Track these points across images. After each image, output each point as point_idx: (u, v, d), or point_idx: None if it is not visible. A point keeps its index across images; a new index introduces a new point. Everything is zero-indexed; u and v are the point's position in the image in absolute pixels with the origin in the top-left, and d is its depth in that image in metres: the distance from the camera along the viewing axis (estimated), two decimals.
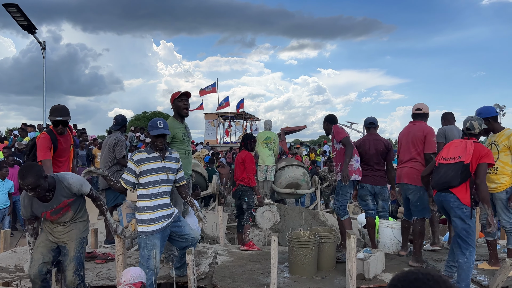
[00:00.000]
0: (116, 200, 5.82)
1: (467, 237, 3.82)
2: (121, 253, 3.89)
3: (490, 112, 4.66)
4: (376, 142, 5.36)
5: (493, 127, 4.68)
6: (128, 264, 4.80)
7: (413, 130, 4.91)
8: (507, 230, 4.60)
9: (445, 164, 3.98)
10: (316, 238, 4.45)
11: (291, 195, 10.13)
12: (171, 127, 4.34)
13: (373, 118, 5.61)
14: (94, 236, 5.67)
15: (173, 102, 4.55)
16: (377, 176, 5.33)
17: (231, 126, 29.53)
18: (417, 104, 5.07)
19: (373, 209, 5.44)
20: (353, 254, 3.92)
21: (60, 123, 4.40)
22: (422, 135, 4.78)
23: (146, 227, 3.67)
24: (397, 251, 5.25)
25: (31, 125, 12.99)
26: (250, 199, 5.71)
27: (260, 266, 4.72)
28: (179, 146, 4.53)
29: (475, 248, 3.87)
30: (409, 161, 4.85)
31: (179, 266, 4.23)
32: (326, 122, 5.35)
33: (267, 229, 8.52)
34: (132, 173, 3.71)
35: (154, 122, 3.81)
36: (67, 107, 4.49)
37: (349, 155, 4.89)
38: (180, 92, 4.51)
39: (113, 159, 5.59)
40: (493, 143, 4.65)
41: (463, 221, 3.83)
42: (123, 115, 5.94)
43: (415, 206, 4.79)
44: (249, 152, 5.92)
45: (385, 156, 5.39)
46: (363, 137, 5.73)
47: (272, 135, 8.71)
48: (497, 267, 4.56)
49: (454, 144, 4.06)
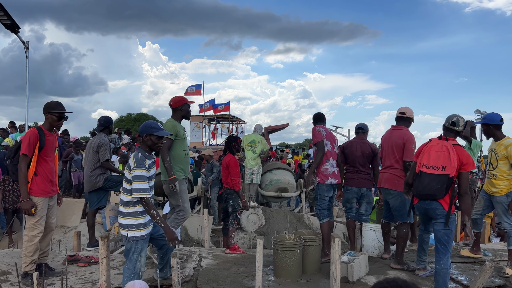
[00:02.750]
0: (100, 203, 5.76)
1: (447, 242, 3.88)
2: (104, 256, 3.84)
3: (494, 119, 4.72)
4: (363, 145, 5.45)
5: (495, 134, 4.76)
6: (112, 267, 4.75)
7: (394, 135, 4.95)
8: (507, 231, 4.74)
9: (427, 174, 3.90)
10: (301, 242, 4.48)
11: (276, 198, 10.16)
12: (174, 125, 4.59)
13: (362, 124, 5.75)
14: (77, 239, 5.59)
15: (182, 105, 4.73)
16: (363, 178, 5.40)
17: (217, 129, 29.45)
18: (401, 107, 5.11)
19: (354, 211, 5.53)
20: (337, 257, 3.95)
21: (63, 117, 4.43)
22: (401, 142, 4.82)
23: (140, 231, 3.62)
24: (381, 254, 5.31)
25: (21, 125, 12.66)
26: (235, 202, 5.72)
27: (245, 269, 4.72)
28: (180, 144, 4.66)
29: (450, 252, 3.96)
30: (389, 167, 4.93)
31: (162, 268, 4.21)
32: (313, 120, 5.42)
33: (253, 232, 8.53)
34: (146, 180, 3.56)
35: (155, 124, 3.73)
36: None
37: (316, 161, 5.02)
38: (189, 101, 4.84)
39: (97, 162, 5.52)
40: (493, 151, 4.77)
41: (447, 226, 3.90)
42: (107, 116, 5.88)
43: (398, 211, 4.86)
44: (233, 156, 5.92)
45: (371, 160, 5.46)
46: (351, 139, 5.84)
47: (257, 138, 8.74)
48: (478, 255, 5.24)
49: (434, 148, 3.96)
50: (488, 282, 4.27)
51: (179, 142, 4.63)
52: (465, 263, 5.13)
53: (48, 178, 4.32)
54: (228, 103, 26.18)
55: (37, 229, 4.18)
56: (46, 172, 4.29)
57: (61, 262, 4.95)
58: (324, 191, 5.07)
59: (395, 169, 4.87)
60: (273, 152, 22.29)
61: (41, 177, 4.24)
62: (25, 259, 4.17)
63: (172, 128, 4.51)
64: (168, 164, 4.47)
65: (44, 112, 4.34)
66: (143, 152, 3.66)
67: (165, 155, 4.48)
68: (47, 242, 4.54)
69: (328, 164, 5.07)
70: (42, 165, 4.26)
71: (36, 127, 4.38)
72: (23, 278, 4.13)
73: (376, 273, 4.60)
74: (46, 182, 4.29)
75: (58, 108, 4.38)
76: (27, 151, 4.12)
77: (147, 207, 3.54)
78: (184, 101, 4.75)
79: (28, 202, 4.10)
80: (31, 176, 4.17)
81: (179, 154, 4.65)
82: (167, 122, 4.70)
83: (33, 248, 4.16)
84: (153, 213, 3.55)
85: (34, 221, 4.16)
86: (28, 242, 4.15)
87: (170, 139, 4.50)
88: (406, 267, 4.73)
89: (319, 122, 5.35)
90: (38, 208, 4.18)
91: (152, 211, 3.54)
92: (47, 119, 4.35)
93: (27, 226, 4.19)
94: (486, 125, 4.75)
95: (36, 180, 4.20)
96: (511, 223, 4.70)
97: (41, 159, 4.26)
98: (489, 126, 4.72)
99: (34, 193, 4.18)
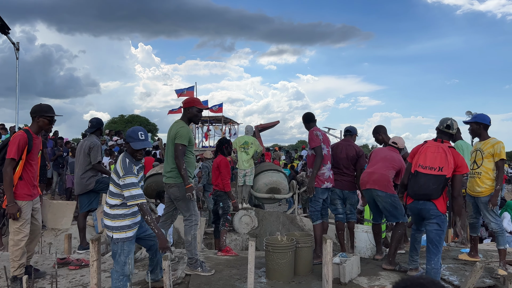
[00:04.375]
0: (90, 206, 5.73)
1: (439, 242, 3.93)
2: (95, 259, 3.81)
3: (485, 119, 4.88)
4: (348, 147, 5.54)
5: (481, 134, 4.89)
6: (103, 270, 4.71)
7: (389, 152, 5.20)
8: (495, 231, 4.80)
9: (424, 174, 3.98)
10: (293, 243, 4.48)
11: (269, 199, 10.16)
12: (187, 132, 4.39)
13: (350, 127, 5.86)
14: (68, 242, 5.55)
15: (189, 107, 4.53)
16: (346, 181, 5.49)
17: (209, 130, 29.36)
18: (394, 137, 5.44)
19: (342, 213, 5.58)
20: (329, 259, 3.96)
21: (53, 121, 4.41)
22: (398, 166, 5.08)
23: (125, 233, 3.60)
24: (373, 255, 5.33)
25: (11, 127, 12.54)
26: (225, 204, 5.68)
27: (237, 271, 4.71)
28: (191, 149, 4.54)
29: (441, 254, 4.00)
30: (380, 168, 4.99)
31: (152, 269, 4.18)
32: (303, 121, 5.37)
33: (245, 234, 8.51)
34: (137, 186, 3.55)
35: (135, 134, 3.66)
36: None
37: (317, 167, 4.99)
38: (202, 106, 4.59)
39: (88, 164, 5.48)
40: (478, 150, 4.87)
41: (439, 227, 3.94)
42: (98, 118, 5.84)
43: (389, 212, 4.89)
44: (224, 157, 5.90)
45: (355, 162, 5.53)
46: (338, 141, 5.96)
47: (250, 139, 8.73)
48: (476, 259, 5.14)
49: (430, 149, 4.06)
50: (479, 283, 4.30)
51: (190, 148, 4.51)
52: (456, 263, 5.16)
53: (32, 182, 4.29)
54: (221, 105, 26.10)
55: (22, 233, 4.13)
56: (30, 176, 4.26)
57: (51, 265, 4.89)
58: (319, 193, 5.08)
59: (387, 172, 4.93)
60: (268, 153, 22.30)
61: (25, 181, 4.20)
62: (12, 263, 4.13)
63: (186, 135, 4.37)
64: (185, 172, 4.30)
65: (34, 115, 4.28)
66: (130, 157, 3.64)
67: (181, 162, 4.29)
68: (34, 244, 4.52)
69: (325, 169, 5.09)
70: (27, 169, 4.22)
71: (23, 130, 4.31)
72: (12, 282, 4.08)
73: (368, 274, 4.61)
74: (30, 186, 4.25)
75: (51, 112, 4.35)
76: (16, 156, 4.06)
77: (142, 212, 3.53)
78: (192, 104, 4.54)
79: (14, 206, 4.05)
80: (16, 180, 4.13)
81: (190, 159, 4.53)
82: (180, 127, 4.42)
83: (19, 252, 4.11)
84: (148, 218, 3.52)
85: (18, 225, 4.11)
86: (14, 246, 4.11)
87: (184, 146, 4.36)
88: (398, 268, 4.75)
89: (311, 123, 5.34)
90: (23, 212, 4.13)
91: (147, 216, 3.52)
92: (37, 122, 4.29)
93: (12, 231, 4.14)
94: (477, 124, 4.87)
95: (20, 184, 4.16)
96: (497, 223, 4.77)
97: (27, 163, 4.22)
98: (480, 125, 4.84)
99: (19, 197, 4.13)
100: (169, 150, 4.50)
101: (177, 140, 4.36)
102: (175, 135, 4.39)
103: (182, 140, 4.36)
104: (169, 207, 4.74)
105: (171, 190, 4.48)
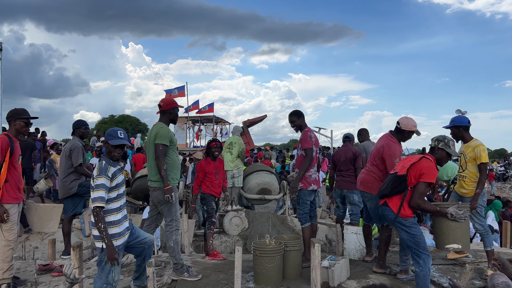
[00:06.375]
0: (75, 209, 5.62)
1: (416, 245, 3.85)
2: (77, 266, 3.71)
3: (462, 121, 4.82)
4: (346, 151, 6.22)
5: (464, 137, 4.84)
6: (87, 276, 4.60)
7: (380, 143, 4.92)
8: (481, 233, 4.78)
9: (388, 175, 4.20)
10: (281, 247, 4.40)
11: (260, 200, 10.07)
12: (167, 132, 4.35)
13: (349, 133, 6.58)
14: (52, 247, 5.42)
15: (172, 109, 4.52)
16: (344, 180, 6.08)
17: (201, 130, 29.19)
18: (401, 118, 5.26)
19: (342, 210, 6.24)
20: (317, 263, 3.89)
21: (29, 123, 4.43)
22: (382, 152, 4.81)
23: (115, 242, 3.48)
24: (363, 257, 5.28)
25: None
26: (209, 207, 5.56)
27: (224, 276, 4.62)
28: (174, 150, 4.48)
29: (430, 255, 3.87)
30: (366, 169, 4.92)
31: (138, 276, 4.07)
32: (296, 116, 5.15)
33: (235, 235, 8.42)
34: (107, 190, 3.43)
35: (114, 132, 3.63)
36: None
37: (304, 168, 4.94)
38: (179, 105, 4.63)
39: (70, 167, 5.36)
40: (462, 153, 4.85)
41: (407, 232, 3.88)
42: (78, 120, 5.74)
43: (375, 213, 4.83)
44: (201, 160, 5.79)
45: (354, 162, 6.07)
46: (339, 149, 6.60)
47: (234, 139, 8.67)
48: (464, 254, 5.34)
49: (409, 157, 4.08)
50: (469, 284, 4.27)
51: (173, 148, 4.44)
52: (446, 265, 5.13)
53: (17, 185, 4.31)
54: (211, 104, 25.97)
55: (12, 234, 4.22)
56: (15, 179, 4.29)
57: (34, 271, 4.76)
58: (306, 195, 5.03)
59: (370, 172, 4.84)
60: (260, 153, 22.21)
61: (10, 184, 4.23)
62: (2, 265, 4.15)
63: (167, 134, 4.31)
64: (165, 173, 4.22)
65: (10, 119, 4.33)
66: (107, 159, 3.55)
67: (161, 163, 4.21)
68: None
69: (312, 171, 5.04)
70: (11, 172, 4.25)
71: (3, 134, 4.31)
72: None
73: (357, 277, 4.55)
74: (15, 189, 4.28)
75: (26, 114, 4.40)
76: (0, 158, 4.10)
77: (96, 218, 3.38)
78: (175, 105, 4.55)
79: (0, 208, 4.11)
80: (1, 183, 4.15)
81: (173, 160, 4.45)
82: (160, 127, 4.38)
83: (10, 253, 4.20)
84: (100, 226, 3.38)
85: (8, 227, 4.19)
86: (6, 247, 4.18)
87: (166, 146, 4.29)
88: (388, 271, 4.69)
89: (302, 118, 5.21)
90: (10, 214, 4.20)
91: (99, 224, 3.37)
92: (14, 125, 4.33)
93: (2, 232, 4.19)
94: (456, 128, 4.80)
95: (6, 187, 4.19)
96: (482, 224, 4.74)
97: (11, 166, 4.25)
98: (459, 128, 4.77)
99: (6, 200, 4.18)
100: (150, 153, 4.40)
101: (157, 140, 4.27)
102: (155, 135, 4.31)
103: (163, 140, 4.27)
104: (153, 211, 4.64)
105: (155, 194, 4.39)
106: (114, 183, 3.50)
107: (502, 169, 31.02)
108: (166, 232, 4.44)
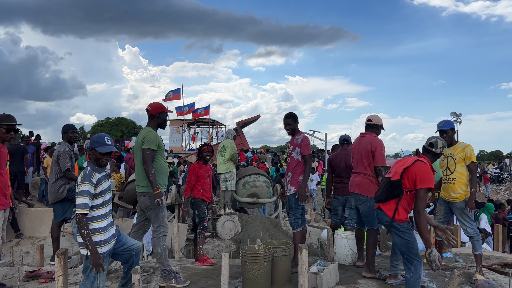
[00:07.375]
0: (65, 214, 5.56)
1: (409, 251, 3.80)
2: (61, 273, 3.65)
3: (451, 124, 4.99)
4: (346, 157, 5.82)
5: (451, 140, 4.93)
6: (75, 283, 4.55)
7: (363, 142, 4.94)
8: (471, 237, 4.80)
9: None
10: (270, 252, 4.37)
11: (252, 204, 10.05)
12: (155, 136, 4.33)
13: (347, 136, 6.20)
14: (40, 253, 5.37)
15: (160, 113, 4.49)
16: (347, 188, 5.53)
17: (197, 133, 29.13)
18: (369, 115, 5.11)
19: (339, 218, 5.98)
20: (305, 269, 3.86)
21: (13, 129, 4.34)
22: (370, 148, 4.82)
23: (100, 249, 3.43)
24: (353, 262, 5.25)
25: None
26: (200, 211, 5.53)
27: (213, 282, 4.58)
28: (162, 155, 4.45)
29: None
30: (360, 173, 4.89)
31: (125, 283, 4.03)
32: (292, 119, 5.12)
33: (228, 239, 8.38)
34: (90, 197, 3.37)
35: (101, 138, 3.56)
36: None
37: (307, 175, 5.00)
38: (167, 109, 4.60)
39: (59, 172, 5.32)
40: (450, 156, 4.90)
41: (400, 237, 3.82)
42: (67, 124, 5.70)
43: (366, 217, 4.82)
44: (194, 164, 5.77)
45: None
46: (336, 152, 6.24)
47: (226, 142, 8.65)
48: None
49: (402, 160, 4.01)
50: None
51: (161, 152, 4.41)
52: None
53: (3, 191, 4.22)
54: (207, 107, 25.95)
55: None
56: (1, 185, 4.20)
57: (22, 278, 4.71)
58: (298, 200, 5.00)
59: (365, 174, 4.83)
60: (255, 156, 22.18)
61: None
62: None
63: (154, 139, 4.29)
64: (153, 178, 4.20)
65: None
66: (92, 165, 3.49)
67: (149, 167, 4.19)
68: None
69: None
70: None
71: None
72: None
73: (346, 282, 4.53)
74: (1, 195, 4.19)
75: (7, 120, 4.31)
76: None
77: (79, 224, 3.32)
78: (162, 109, 4.51)
79: None
80: None
81: (161, 165, 4.42)
82: (147, 132, 4.36)
83: None
84: (84, 233, 3.32)
85: None
86: None
87: (153, 150, 4.26)
88: (378, 276, 4.67)
89: (297, 122, 5.16)
90: None
91: (83, 230, 3.31)
92: None
93: None
94: (452, 130, 4.97)
95: None
96: (473, 228, 4.76)
97: None
98: (452, 130, 4.95)
99: None
100: (137, 158, 4.36)
101: (144, 145, 4.24)
102: (142, 140, 4.27)
103: (150, 144, 4.24)
104: (140, 217, 4.61)
105: (142, 199, 4.36)
106: (98, 189, 3.44)
107: (497, 171, 31.07)
108: (153, 238, 4.41)
